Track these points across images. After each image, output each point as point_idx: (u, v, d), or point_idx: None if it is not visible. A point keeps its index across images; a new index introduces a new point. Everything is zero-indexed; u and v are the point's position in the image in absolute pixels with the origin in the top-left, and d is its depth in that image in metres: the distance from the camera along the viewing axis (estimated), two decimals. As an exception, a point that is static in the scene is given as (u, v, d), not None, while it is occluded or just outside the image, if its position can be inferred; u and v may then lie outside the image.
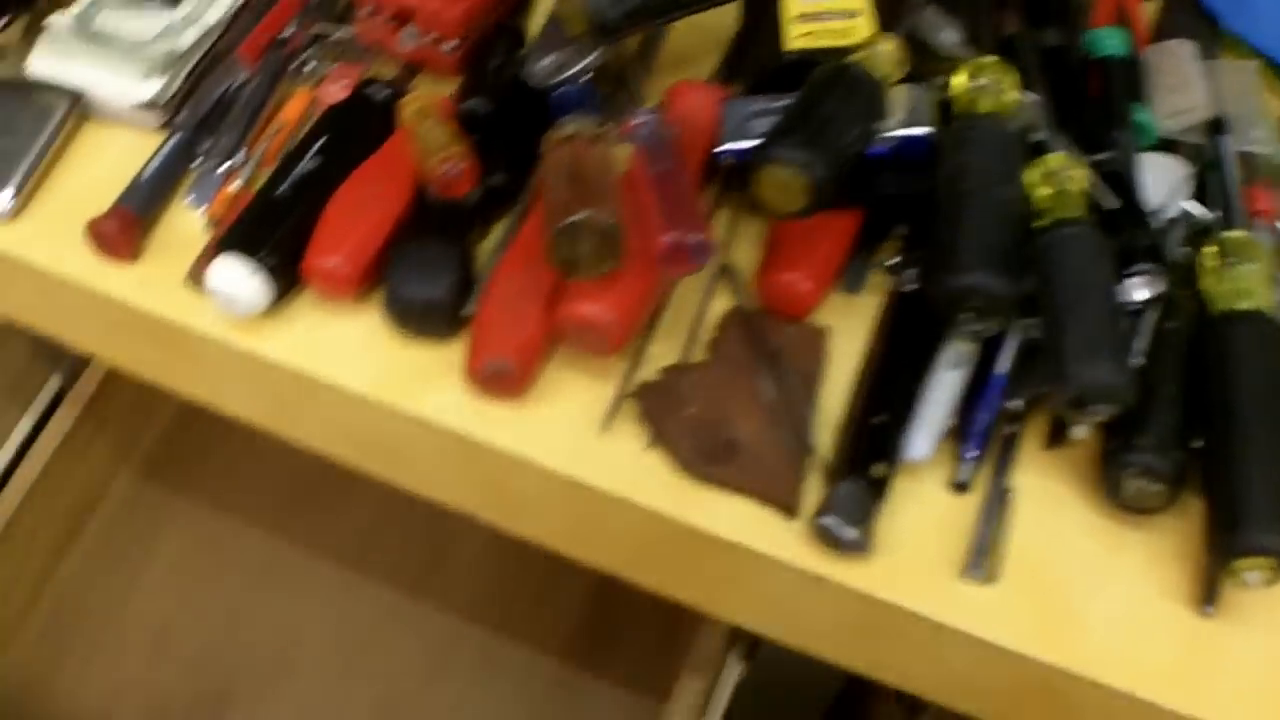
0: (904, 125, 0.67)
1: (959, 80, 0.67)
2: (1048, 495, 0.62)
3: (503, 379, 0.62)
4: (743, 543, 0.60)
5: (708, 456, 0.61)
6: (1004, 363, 0.63)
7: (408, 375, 0.64)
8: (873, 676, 0.65)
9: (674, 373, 0.64)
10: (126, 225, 0.68)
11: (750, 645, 0.88)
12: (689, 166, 0.66)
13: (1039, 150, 0.65)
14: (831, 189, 0.60)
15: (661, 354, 0.65)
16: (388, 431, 0.66)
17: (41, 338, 0.77)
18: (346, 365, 0.65)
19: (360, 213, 0.66)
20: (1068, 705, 0.59)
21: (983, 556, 0.60)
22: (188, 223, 0.70)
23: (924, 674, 0.63)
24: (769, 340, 0.65)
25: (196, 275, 0.66)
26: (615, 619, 1.06)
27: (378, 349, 0.66)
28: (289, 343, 0.66)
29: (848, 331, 0.67)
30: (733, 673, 0.88)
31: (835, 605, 0.60)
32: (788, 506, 0.60)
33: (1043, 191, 0.63)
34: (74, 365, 1.07)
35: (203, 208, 0.70)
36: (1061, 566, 0.60)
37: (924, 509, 0.62)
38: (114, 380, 1.07)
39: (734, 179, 0.69)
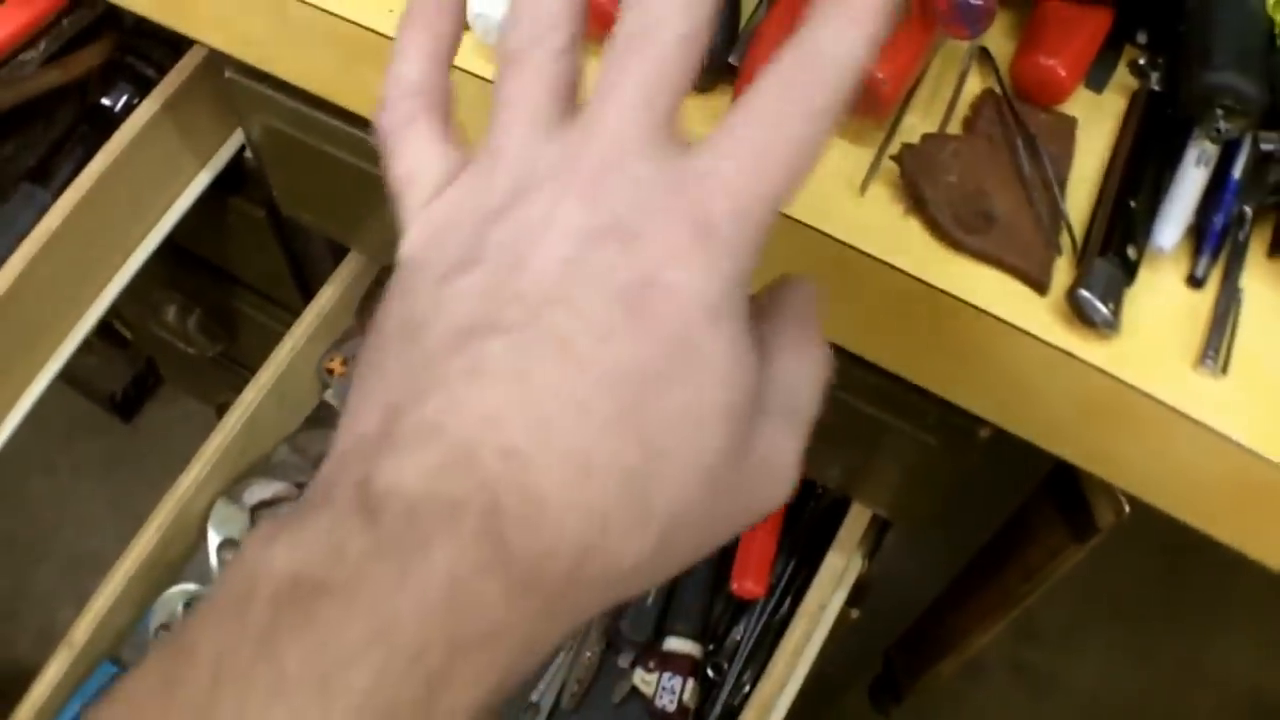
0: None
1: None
2: (1271, 302, 0.64)
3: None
4: (995, 312, 0.61)
5: (965, 226, 0.62)
6: (1239, 168, 0.64)
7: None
8: (1089, 468, 0.67)
9: (934, 141, 0.64)
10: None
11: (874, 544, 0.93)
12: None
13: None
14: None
15: (916, 126, 0.66)
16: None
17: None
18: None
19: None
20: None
21: (1216, 350, 0.61)
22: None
23: (1145, 466, 0.65)
24: (1024, 122, 0.65)
25: None
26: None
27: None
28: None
29: (1093, 126, 0.68)
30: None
31: (1074, 384, 0.62)
32: (1040, 282, 0.62)
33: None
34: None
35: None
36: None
37: (1163, 299, 0.63)
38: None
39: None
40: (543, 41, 0.38)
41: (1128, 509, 0.85)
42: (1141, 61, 0.69)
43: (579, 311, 0.33)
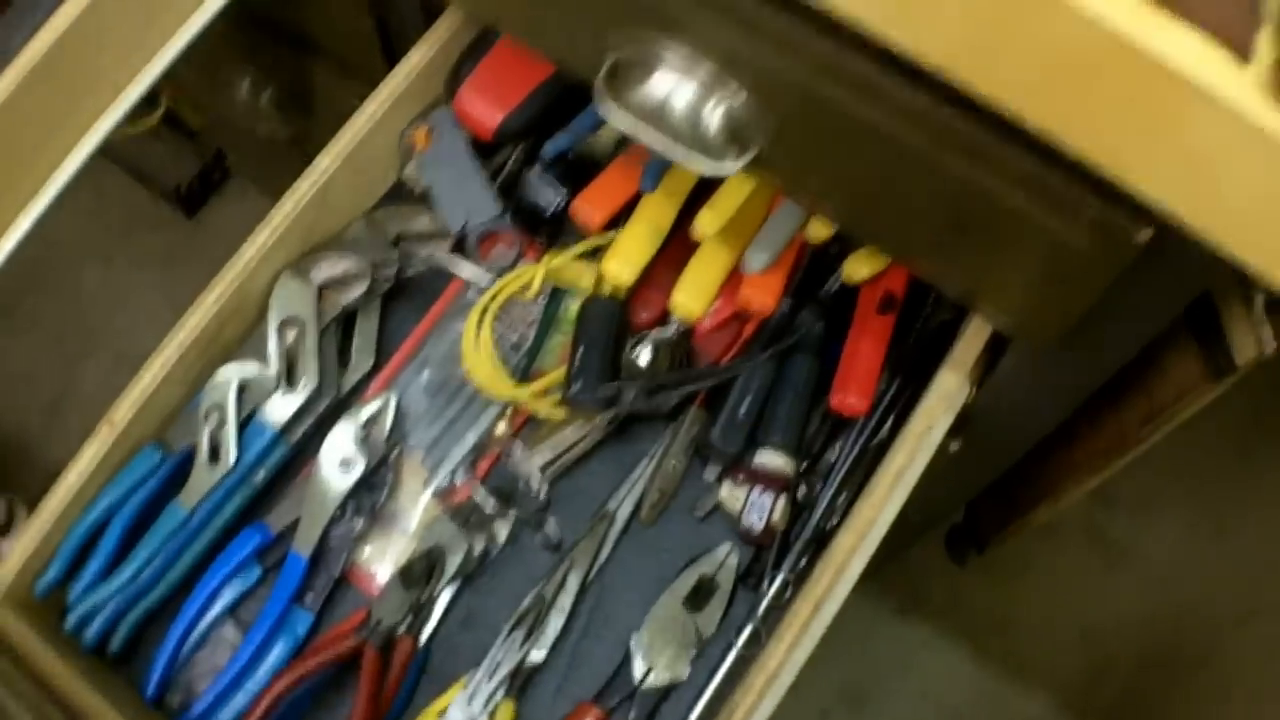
0: None
1: None
2: None
3: None
4: (1191, 76, 0.53)
5: (1168, -25, 0.54)
6: None
7: None
8: (1269, 277, 0.59)
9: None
10: None
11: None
12: None
13: None
14: None
15: None
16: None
17: None
18: None
19: None
20: None
21: None
22: None
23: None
24: None
25: None
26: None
27: None
28: None
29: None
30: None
31: (1269, 170, 0.54)
32: (1243, 49, 0.53)
33: None
34: None
35: None
36: None
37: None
38: None
39: None
40: None
41: (1269, 347, 0.79)
42: None
43: None
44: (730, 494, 0.95)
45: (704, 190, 0.95)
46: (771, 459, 0.94)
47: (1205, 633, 1.83)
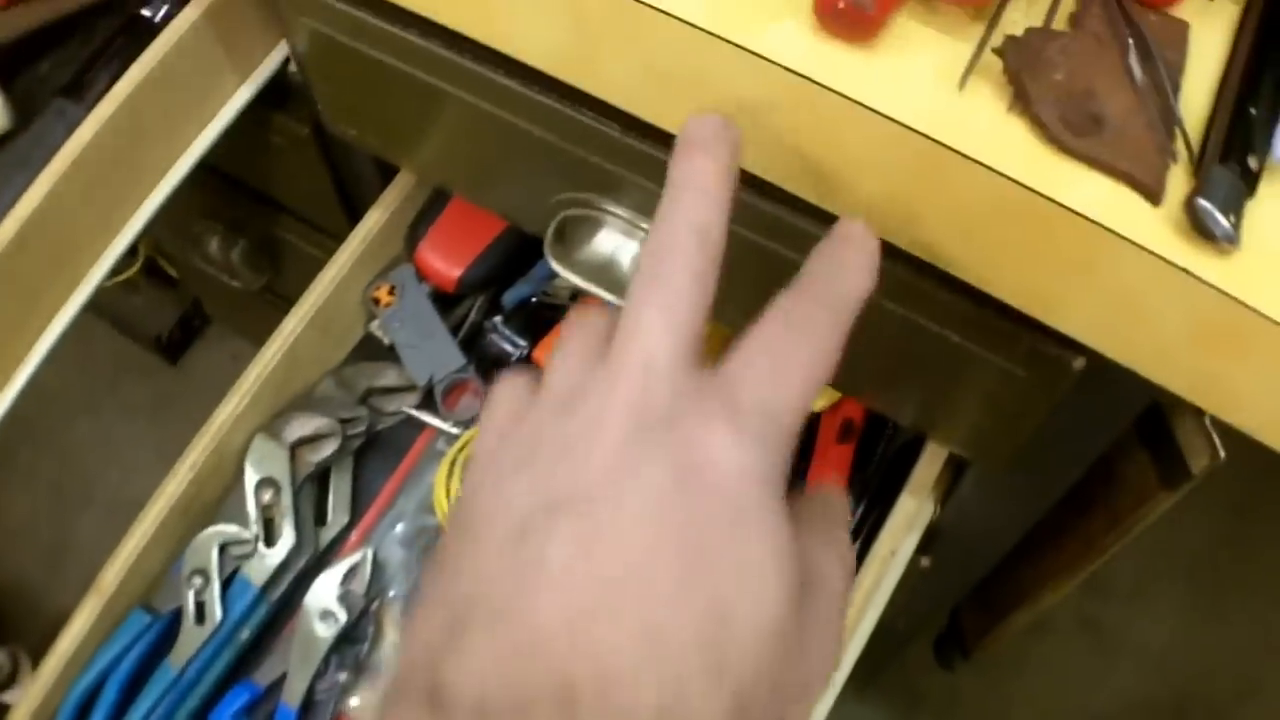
0: None
1: None
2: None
3: (856, 16, 0.57)
4: (1104, 222, 0.55)
5: (1074, 128, 0.56)
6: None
7: (744, 7, 0.59)
8: (1196, 400, 0.61)
9: (1039, 35, 0.58)
10: None
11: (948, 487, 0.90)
12: None
13: None
14: None
15: (1019, 21, 0.60)
16: (707, 68, 0.60)
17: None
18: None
19: None
20: None
21: (1348, 270, 0.55)
22: None
23: (1261, 399, 0.60)
24: (1135, 21, 0.59)
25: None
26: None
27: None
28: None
29: (1204, 32, 0.62)
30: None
31: (1187, 305, 0.56)
32: (1154, 191, 0.56)
33: None
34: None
35: None
36: None
37: (1282, 214, 0.56)
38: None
39: None
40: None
41: (1223, 454, 0.80)
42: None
43: (634, 490, 0.36)
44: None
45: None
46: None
47: (1207, 714, 1.83)
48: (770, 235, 0.70)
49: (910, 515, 0.88)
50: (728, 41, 0.58)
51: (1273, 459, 0.63)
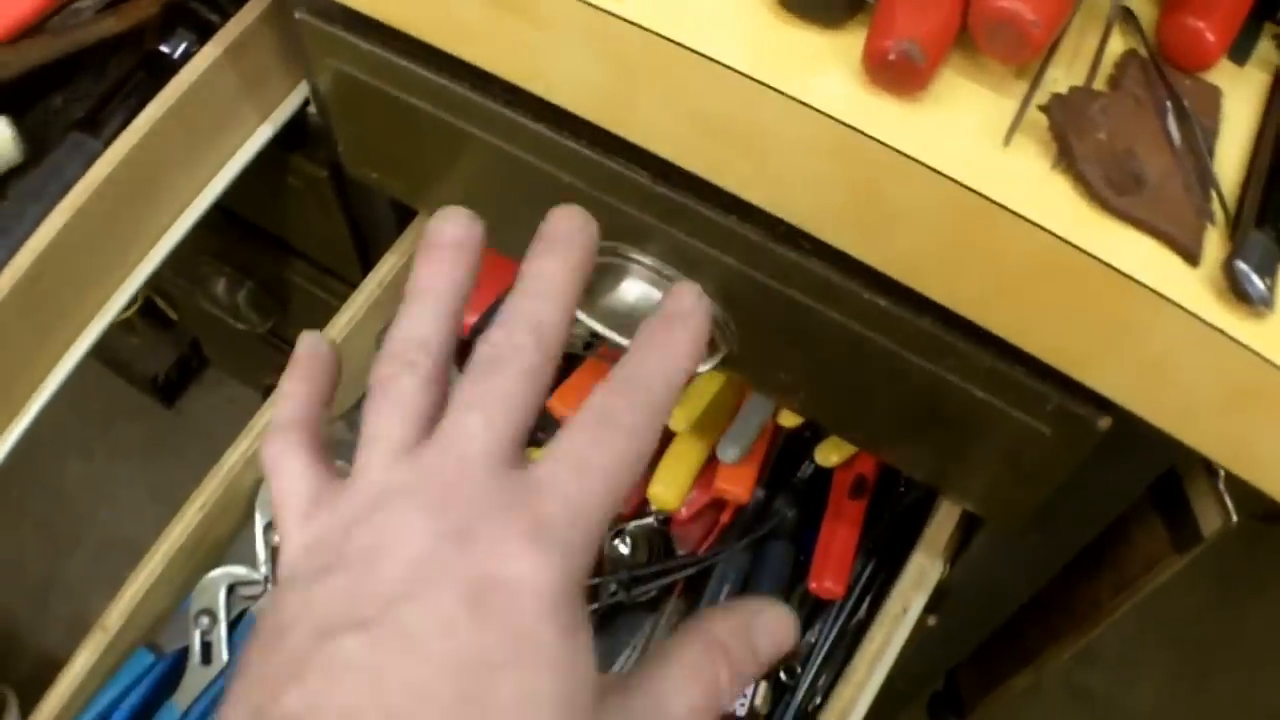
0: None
1: None
2: None
3: (906, 68, 0.57)
4: (1144, 280, 0.55)
5: (1116, 186, 0.57)
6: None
7: (789, 56, 0.59)
8: (1224, 463, 0.62)
9: (1083, 94, 0.59)
10: None
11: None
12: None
13: None
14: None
15: (1059, 79, 0.60)
16: (752, 116, 0.60)
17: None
18: (718, 35, 0.60)
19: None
20: None
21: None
22: None
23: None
24: (1172, 85, 0.60)
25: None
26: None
27: (755, 23, 0.60)
28: (649, 2, 0.61)
29: (1237, 98, 0.63)
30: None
31: (1221, 366, 0.56)
32: (1192, 252, 0.56)
33: None
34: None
35: None
36: None
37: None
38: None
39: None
40: (402, 375, 0.43)
41: (1235, 518, 0.80)
42: (1287, 32, 0.64)
43: (425, 606, 0.36)
44: (713, 680, 0.95)
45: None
46: (752, 645, 0.95)
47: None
48: (810, 294, 0.70)
49: (922, 574, 0.88)
50: (775, 90, 0.58)
51: (1257, 529, 0.63)
